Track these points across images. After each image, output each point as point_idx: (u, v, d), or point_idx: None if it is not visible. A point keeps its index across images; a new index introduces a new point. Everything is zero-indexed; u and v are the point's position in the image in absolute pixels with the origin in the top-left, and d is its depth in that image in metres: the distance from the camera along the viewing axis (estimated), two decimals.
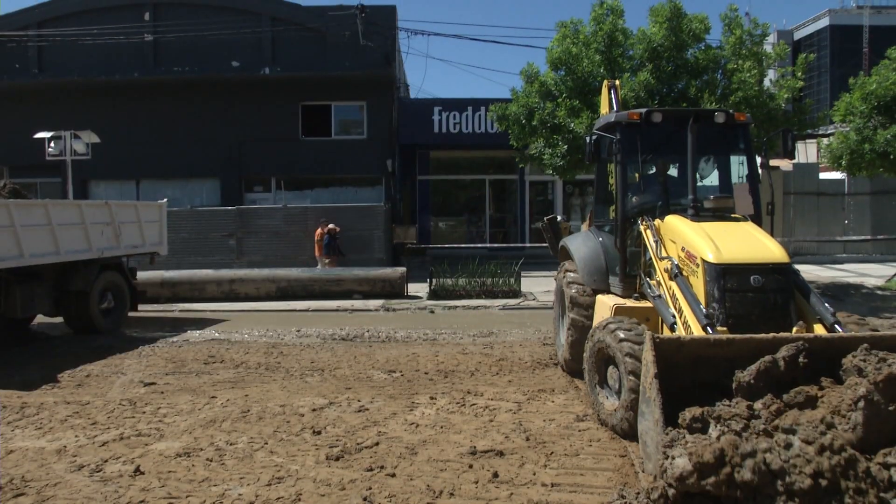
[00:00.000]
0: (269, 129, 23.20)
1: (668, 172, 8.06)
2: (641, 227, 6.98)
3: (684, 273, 6.12)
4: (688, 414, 4.21)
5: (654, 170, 7.95)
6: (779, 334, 4.68)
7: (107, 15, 23.21)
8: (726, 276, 5.71)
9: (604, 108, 9.92)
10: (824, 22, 59.03)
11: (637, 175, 8.13)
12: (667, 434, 4.09)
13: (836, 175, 23.03)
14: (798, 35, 61.13)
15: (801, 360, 4.36)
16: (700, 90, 14.40)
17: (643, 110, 7.32)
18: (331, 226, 18.34)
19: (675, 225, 6.52)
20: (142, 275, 14.53)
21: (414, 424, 6.38)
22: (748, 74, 14.22)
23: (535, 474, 5.13)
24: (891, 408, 3.70)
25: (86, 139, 17.35)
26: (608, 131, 7.68)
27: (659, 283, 6.44)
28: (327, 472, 5.23)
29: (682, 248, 6.24)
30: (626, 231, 7.35)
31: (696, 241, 6.08)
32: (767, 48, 15.76)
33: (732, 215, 6.81)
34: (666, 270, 6.29)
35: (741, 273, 5.72)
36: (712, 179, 8.42)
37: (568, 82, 15.61)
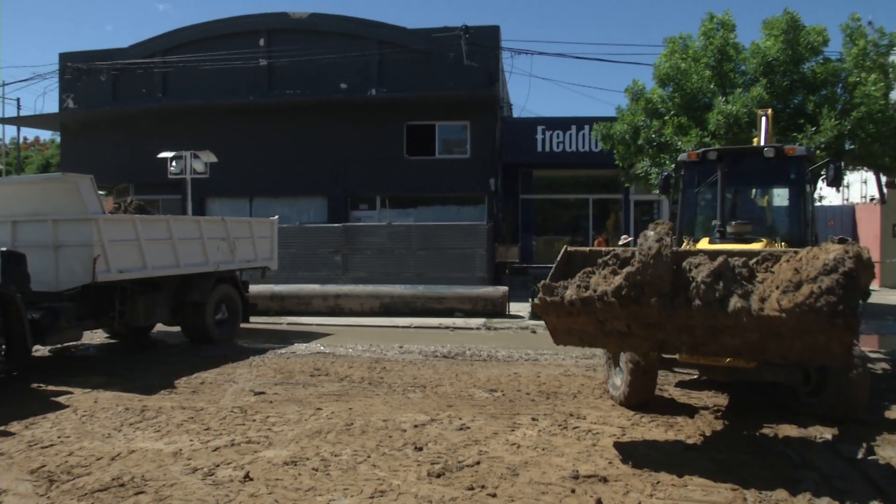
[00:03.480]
0: (375, 148, 23.75)
1: (753, 198, 9.48)
2: (682, 246, 8.16)
3: None
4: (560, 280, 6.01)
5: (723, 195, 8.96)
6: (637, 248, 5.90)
7: (225, 42, 24.51)
8: None
9: (760, 138, 9.81)
10: None
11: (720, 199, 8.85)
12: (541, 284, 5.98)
13: None
14: None
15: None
16: (818, 105, 13.74)
17: (701, 150, 8.66)
18: (628, 238, 17.96)
19: (699, 246, 7.74)
20: (253, 288, 15.13)
21: (515, 445, 6.31)
22: (873, 88, 13.45)
23: (640, 503, 4.96)
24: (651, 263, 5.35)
25: (204, 159, 18.25)
26: (678, 168, 9.14)
27: None
28: (428, 488, 5.23)
29: None
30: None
31: None
32: (894, 59, 14.85)
33: (755, 238, 7.88)
34: None
35: None
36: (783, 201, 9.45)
37: (676, 99, 15.24)
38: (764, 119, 9.88)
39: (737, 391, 8.49)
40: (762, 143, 9.42)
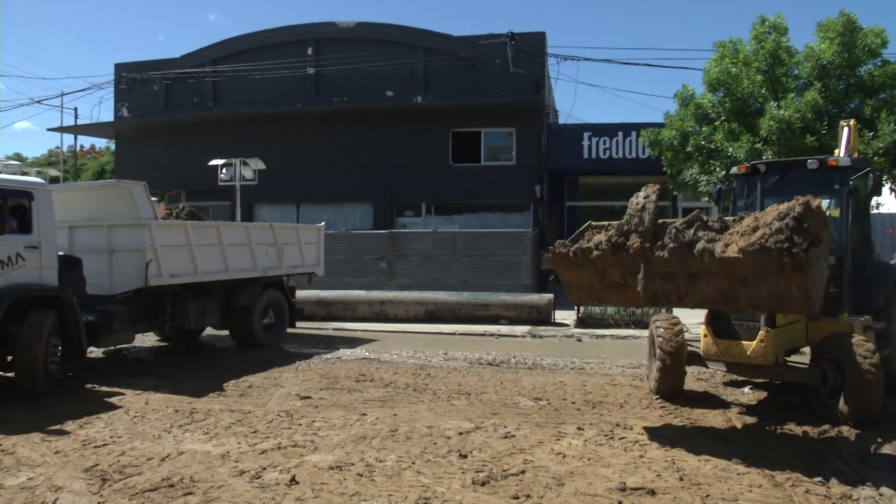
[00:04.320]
0: (421, 155, 23.85)
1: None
2: None
3: None
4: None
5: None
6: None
7: (274, 51, 24.93)
8: None
9: (840, 149, 9.78)
10: None
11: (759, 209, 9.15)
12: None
13: None
14: None
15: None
16: (876, 110, 13.36)
17: (750, 163, 9.00)
18: None
19: None
20: (300, 293, 15.30)
21: (561, 454, 6.23)
22: None
23: None
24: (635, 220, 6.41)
25: (253, 166, 18.55)
26: (729, 180, 9.94)
27: None
28: (473, 496, 5.20)
29: None
30: None
31: None
32: None
33: None
34: None
35: None
36: None
37: (726, 104, 14.98)
38: (846, 129, 9.82)
39: (787, 392, 8.29)
40: (842, 154, 9.47)
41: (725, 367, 8.05)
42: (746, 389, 9.14)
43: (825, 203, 9.19)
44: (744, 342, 7.60)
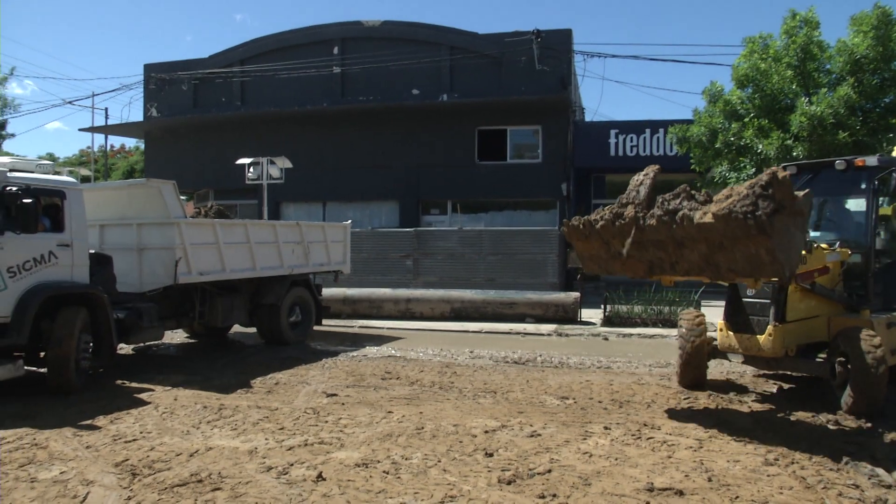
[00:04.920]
0: (447, 153, 23.83)
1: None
2: None
3: None
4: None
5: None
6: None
7: (300, 51, 25.07)
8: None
9: None
10: None
11: None
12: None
13: None
14: None
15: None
16: None
17: (780, 166, 8.74)
18: None
19: None
20: (326, 291, 15.37)
21: (587, 454, 6.19)
22: None
23: None
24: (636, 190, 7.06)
25: (280, 165, 18.67)
26: None
27: None
28: (499, 495, 5.18)
29: None
30: None
31: None
32: None
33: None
34: None
35: None
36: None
37: (756, 100, 14.78)
38: None
39: (819, 390, 8.17)
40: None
41: (743, 359, 8.47)
42: (776, 390, 9.02)
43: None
44: (758, 336, 8.01)
